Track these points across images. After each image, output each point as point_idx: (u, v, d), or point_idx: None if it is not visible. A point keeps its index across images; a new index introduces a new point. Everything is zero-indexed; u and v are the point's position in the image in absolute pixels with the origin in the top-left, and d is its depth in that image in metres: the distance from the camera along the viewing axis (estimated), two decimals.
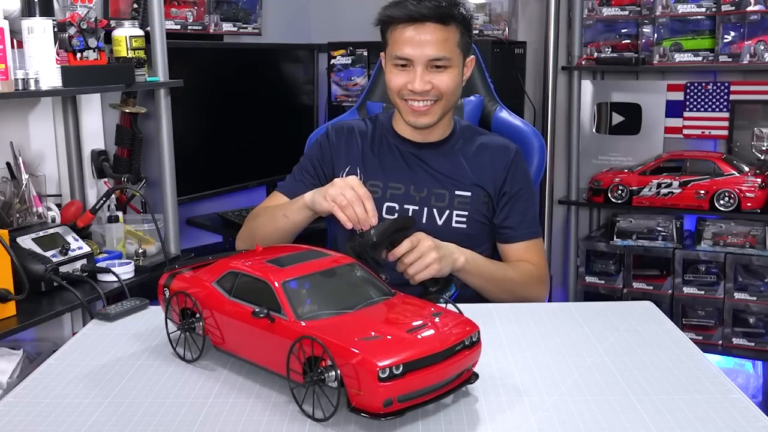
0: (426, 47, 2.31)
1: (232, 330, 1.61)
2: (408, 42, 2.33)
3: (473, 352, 1.47)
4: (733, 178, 3.78)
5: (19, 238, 2.61)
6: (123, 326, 1.98)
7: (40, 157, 3.16)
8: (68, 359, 1.77)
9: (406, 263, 2.13)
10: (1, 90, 2.43)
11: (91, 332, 1.95)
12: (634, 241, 4.15)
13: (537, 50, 4.40)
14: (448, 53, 2.33)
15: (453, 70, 2.37)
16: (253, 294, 1.56)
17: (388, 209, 2.47)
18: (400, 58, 2.35)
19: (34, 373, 1.70)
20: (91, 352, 1.81)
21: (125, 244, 3.04)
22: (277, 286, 1.52)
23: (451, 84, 2.37)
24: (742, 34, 3.81)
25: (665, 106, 4.21)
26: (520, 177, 2.51)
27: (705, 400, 1.50)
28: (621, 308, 2.04)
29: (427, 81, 2.33)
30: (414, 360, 1.35)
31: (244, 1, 4.12)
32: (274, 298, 1.51)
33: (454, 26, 2.34)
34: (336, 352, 1.35)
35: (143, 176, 3.39)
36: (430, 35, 2.31)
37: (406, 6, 2.32)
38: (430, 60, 2.32)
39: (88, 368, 1.71)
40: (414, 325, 1.44)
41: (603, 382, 1.59)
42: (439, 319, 1.47)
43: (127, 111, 3.27)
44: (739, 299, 3.93)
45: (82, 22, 2.68)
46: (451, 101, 2.44)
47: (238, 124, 3.98)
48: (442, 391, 1.44)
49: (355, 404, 1.37)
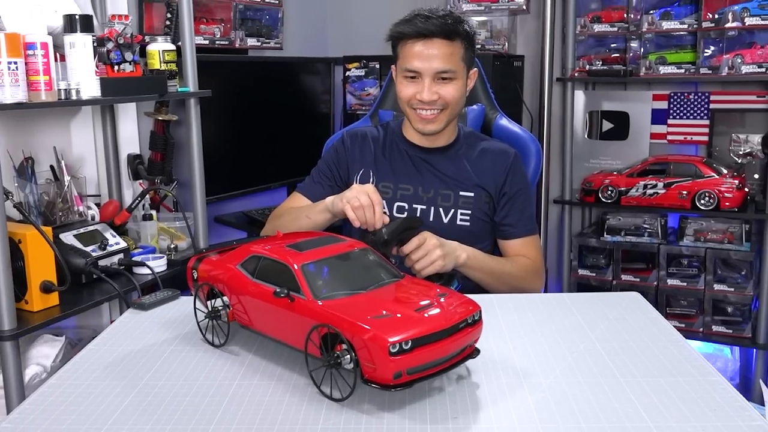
0: (433, 61, 2.32)
1: (256, 309, 1.61)
2: (417, 56, 2.34)
3: (475, 329, 1.48)
4: (713, 180, 3.77)
5: (62, 235, 2.62)
6: (156, 315, 1.98)
7: (81, 161, 3.16)
8: (106, 345, 1.77)
9: (413, 259, 2.16)
10: (46, 99, 2.44)
11: (127, 320, 1.95)
12: (622, 237, 4.15)
13: (534, 63, 4.39)
14: (454, 66, 2.35)
15: (458, 81, 2.38)
16: (274, 276, 1.57)
17: (398, 208, 2.49)
18: (410, 70, 2.37)
19: (75, 358, 1.70)
20: (127, 338, 1.81)
21: (158, 240, 3.05)
22: (296, 268, 1.52)
23: (456, 94, 2.38)
24: (721, 49, 3.80)
25: (651, 114, 4.21)
26: (518, 179, 2.51)
27: (687, 382, 1.49)
28: (610, 298, 2.04)
29: (435, 92, 2.35)
30: (421, 336, 1.35)
31: (267, 18, 4.12)
32: (293, 279, 1.51)
33: (458, 41, 2.35)
34: (350, 329, 1.36)
35: (175, 178, 3.39)
36: (437, 50, 2.32)
37: (415, 23, 2.33)
38: (437, 72, 2.34)
39: (124, 353, 1.71)
40: (422, 305, 1.45)
41: (594, 365, 1.59)
42: (444, 299, 1.48)
43: (160, 118, 3.27)
44: (718, 290, 3.93)
45: (119, 37, 2.69)
46: (456, 110, 2.45)
47: (261, 130, 3.98)
48: (448, 364, 1.44)
49: (367, 377, 1.37)
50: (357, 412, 1.39)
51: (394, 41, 2.44)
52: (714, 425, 1.32)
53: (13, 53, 2.30)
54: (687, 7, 3.91)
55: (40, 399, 1.48)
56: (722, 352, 4.14)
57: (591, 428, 1.31)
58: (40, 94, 2.42)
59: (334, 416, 1.37)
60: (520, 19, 4.43)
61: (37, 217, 2.73)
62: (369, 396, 1.43)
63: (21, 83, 2.33)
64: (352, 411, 1.39)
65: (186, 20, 3.03)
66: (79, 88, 2.53)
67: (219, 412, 1.40)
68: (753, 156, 3.98)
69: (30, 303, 2.40)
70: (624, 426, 1.32)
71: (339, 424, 1.34)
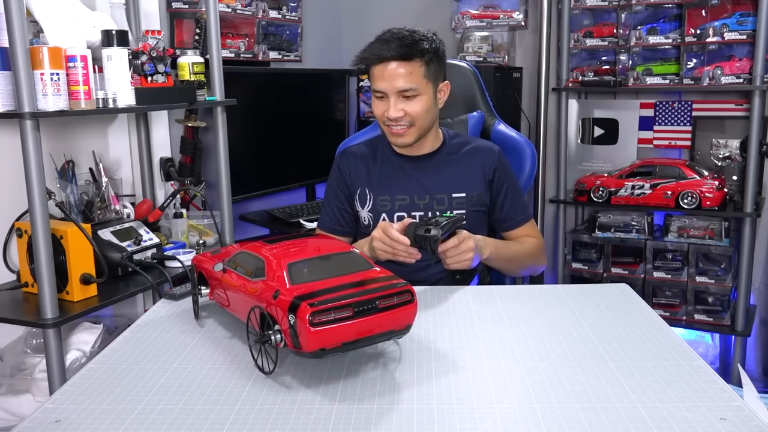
0: (394, 80, 2.29)
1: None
2: (380, 78, 2.32)
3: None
4: (695, 181, 3.76)
5: (100, 231, 2.63)
6: (186, 304, 1.98)
7: (118, 164, 3.17)
8: (140, 332, 1.77)
9: (448, 255, 2.16)
10: (85, 107, 2.44)
11: (160, 309, 1.95)
12: (612, 233, 4.13)
13: (531, 74, 4.38)
14: (414, 84, 2.30)
15: (422, 97, 2.33)
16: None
17: (398, 218, 2.44)
18: (377, 91, 2.35)
19: (112, 344, 1.70)
20: (159, 326, 1.81)
21: (188, 236, 3.05)
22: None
23: (420, 110, 2.34)
24: (702, 61, 3.79)
25: (638, 121, 4.19)
26: (506, 173, 2.51)
27: (671, 366, 1.49)
28: (601, 290, 2.03)
29: (400, 109, 2.31)
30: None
31: (288, 33, 4.12)
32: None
33: (417, 61, 2.30)
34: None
35: (203, 179, 3.39)
36: (395, 71, 2.29)
37: (375, 48, 2.32)
38: (400, 91, 2.30)
39: (157, 340, 1.72)
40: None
41: (586, 350, 1.58)
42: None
43: (190, 125, 3.27)
44: (700, 282, 3.91)
45: (152, 51, 2.69)
46: (426, 123, 2.39)
47: (282, 135, 3.98)
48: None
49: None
50: (368, 403, 1.39)
51: (364, 64, 2.41)
52: (696, 405, 1.32)
53: (56, 65, 2.31)
54: (671, 23, 3.90)
55: (80, 381, 1.48)
56: (703, 339, 4.13)
57: (584, 408, 1.31)
58: (80, 102, 2.42)
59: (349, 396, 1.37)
60: (518, 34, 4.43)
61: (78, 215, 2.74)
62: (381, 387, 1.43)
63: (63, 93, 2.33)
64: (363, 400, 1.39)
65: (213, 35, 3.03)
66: (116, 98, 2.54)
67: (243, 393, 1.40)
68: (732, 159, 3.96)
69: (71, 294, 2.40)
70: (614, 406, 1.32)
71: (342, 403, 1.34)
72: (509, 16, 4.29)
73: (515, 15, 4.28)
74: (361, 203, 2.51)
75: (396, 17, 4.34)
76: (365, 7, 4.86)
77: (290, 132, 4.03)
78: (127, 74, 2.59)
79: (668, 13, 3.93)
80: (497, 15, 4.31)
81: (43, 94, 2.28)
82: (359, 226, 2.56)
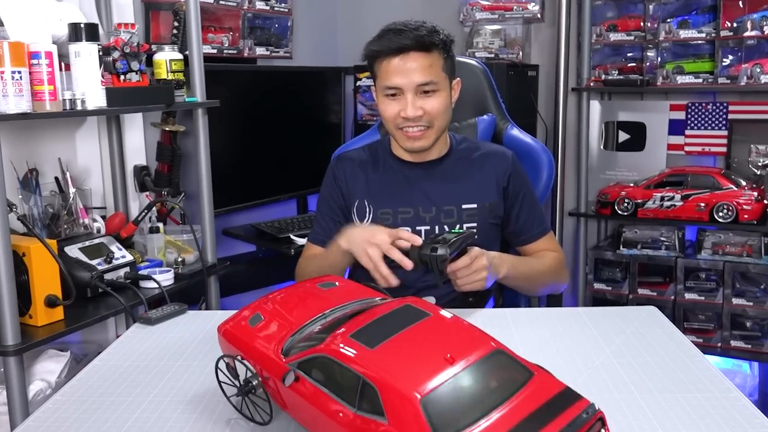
0: (413, 74, 2.27)
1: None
2: (395, 72, 2.28)
3: None
4: (731, 192, 3.77)
5: (67, 248, 2.63)
6: (163, 330, 1.98)
7: (87, 172, 3.17)
8: (112, 360, 1.78)
9: (458, 276, 2.09)
10: (50, 110, 2.45)
11: (134, 335, 1.96)
12: (639, 250, 4.14)
13: (549, 73, 4.40)
14: (435, 77, 2.28)
15: (441, 93, 2.32)
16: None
17: None
18: (390, 87, 2.31)
19: (80, 374, 1.70)
20: (133, 353, 1.82)
21: (165, 253, 3.05)
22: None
23: (440, 107, 2.32)
24: (739, 58, 3.80)
25: (668, 125, 4.20)
26: (521, 180, 2.50)
27: (705, 398, 1.49)
28: (627, 313, 2.03)
29: (419, 107, 2.29)
30: None
31: (277, 26, 4.13)
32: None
33: (436, 52, 2.29)
34: None
35: (182, 190, 3.40)
36: (415, 63, 2.27)
37: (389, 39, 2.29)
38: (419, 86, 2.27)
39: (130, 369, 1.72)
40: None
41: (610, 381, 1.59)
42: None
43: (167, 129, 3.28)
44: (736, 304, 3.91)
45: (125, 46, 2.70)
46: (443, 123, 2.38)
47: (270, 141, 3.99)
48: None
49: None
50: None
51: (370, 60, 2.38)
52: None
53: (17, 62, 2.31)
54: (705, 15, 3.91)
55: (44, 416, 1.48)
56: (741, 368, 4.12)
57: None
58: (44, 104, 2.43)
59: None
60: (534, 28, 4.44)
61: (42, 230, 2.74)
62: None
63: (25, 93, 2.34)
64: None
65: (193, 29, 3.04)
66: (85, 98, 2.54)
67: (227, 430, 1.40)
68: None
69: (34, 317, 2.40)
70: None
71: None
72: (524, 7, 4.30)
73: (530, 6, 4.29)
74: (360, 216, 2.45)
75: (398, 7, 4.36)
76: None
77: (279, 137, 4.04)
78: (97, 72, 2.59)
79: (702, 4, 3.94)
80: (510, 6, 4.32)
81: (3, 94, 2.28)
82: None
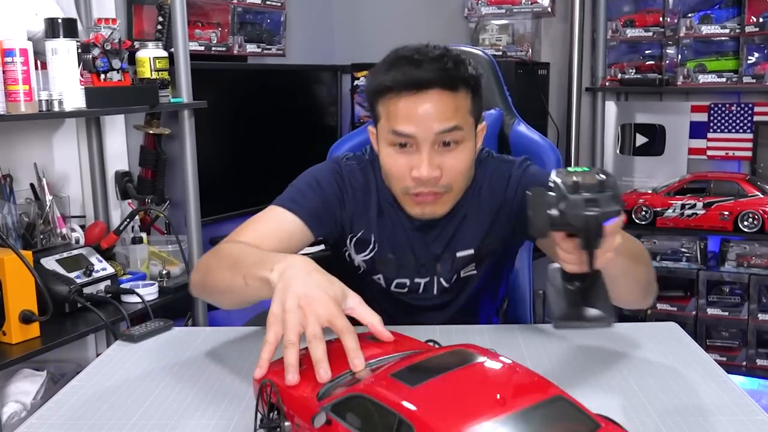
0: (432, 120, 1.84)
1: None
2: (409, 115, 1.85)
3: None
4: (757, 200, 3.77)
5: (43, 260, 2.63)
6: (147, 347, 1.97)
7: (64, 178, 3.17)
8: (92, 380, 1.77)
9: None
10: (25, 111, 2.45)
11: (115, 353, 1.95)
12: (658, 262, 4.14)
13: (560, 71, 4.40)
14: (460, 122, 1.87)
15: (466, 145, 1.91)
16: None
17: (398, 284, 2.13)
18: (400, 134, 1.88)
19: (57, 395, 1.69)
20: (115, 373, 1.81)
21: (149, 265, 3.05)
22: None
23: (463, 166, 1.92)
24: (766, 56, 3.80)
25: (689, 127, 4.21)
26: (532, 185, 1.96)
27: (729, 421, 1.48)
28: (645, 329, 2.03)
29: (436, 165, 1.87)
30: None
31: (268, 22, 4.14)
32: None
33: (463, 90, 1.88)
34: None
35: (167, 197, 3.40)
36: (436, 105, 1.84)
37: (402, 70, 1.88)
38: (438, 134, 1.85)
39: (111, 389, 1.71)
40: None
41: (627, 402, 1.58)
42: None
43: (151, 132, 3.28)
44: (763, 320, 3.91)
45: (105, 43, 2.70)
46: (465, 185, 1.99)
47: (262, 144, 3.99)
48: None
49: None
50: None
51: (373, 96, 1.98)
52: None
53: None
54: (729, 10, 3.92)
55: None
56: None
57: None
58: (19, 105, 2.43)
59: None
60: (544, 23, 4.45)
61: (16, 240, 2.73)
62: None
63: None
64: None
65: (179, 24, 3.04)
66: (62, 99, 2.54)
67: None
68: None
69: (8, 335, 2.40)
70: None
71: None
72: (533, 1, 4.31)
73: (540, 0, 4.30)
74: (358, 249, 2.13)
75: (398, 2, 4.36)
76: None
77: (271, 140, 4.05)
78: (75, 71, 2.60)
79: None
80: (519, 0, 4.33)
81: None
82: (343, 261, 2.17)
